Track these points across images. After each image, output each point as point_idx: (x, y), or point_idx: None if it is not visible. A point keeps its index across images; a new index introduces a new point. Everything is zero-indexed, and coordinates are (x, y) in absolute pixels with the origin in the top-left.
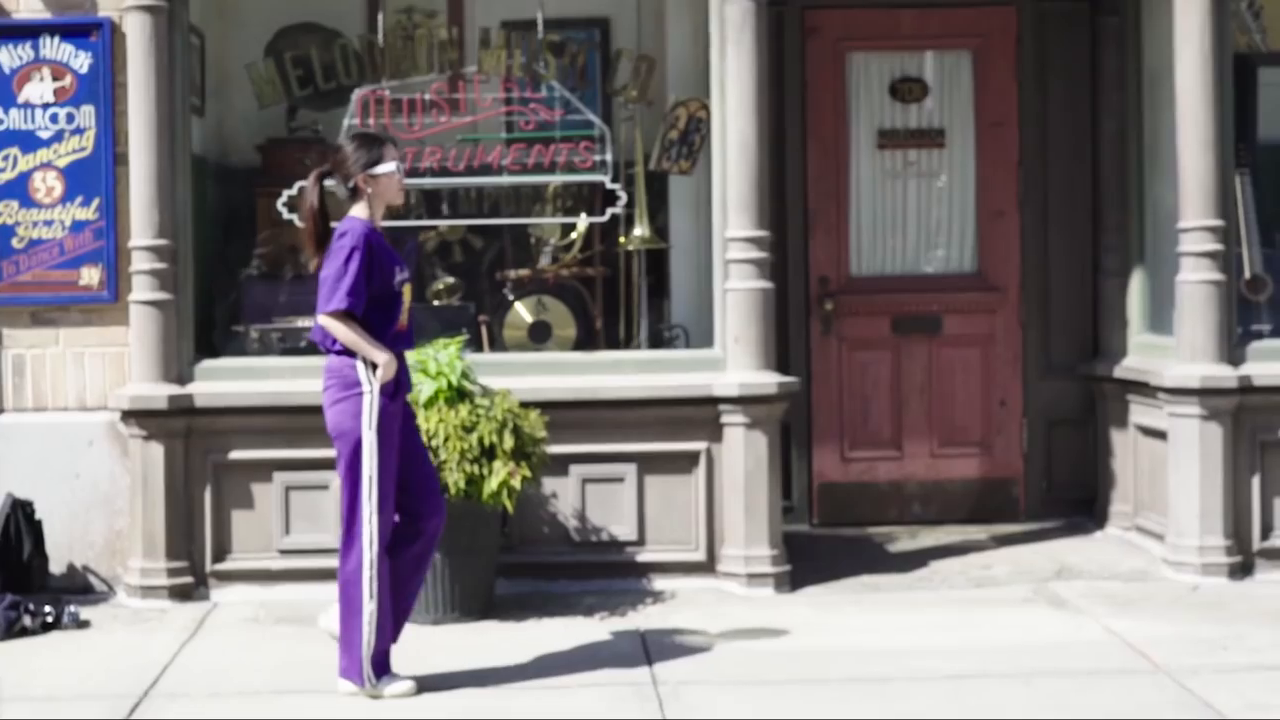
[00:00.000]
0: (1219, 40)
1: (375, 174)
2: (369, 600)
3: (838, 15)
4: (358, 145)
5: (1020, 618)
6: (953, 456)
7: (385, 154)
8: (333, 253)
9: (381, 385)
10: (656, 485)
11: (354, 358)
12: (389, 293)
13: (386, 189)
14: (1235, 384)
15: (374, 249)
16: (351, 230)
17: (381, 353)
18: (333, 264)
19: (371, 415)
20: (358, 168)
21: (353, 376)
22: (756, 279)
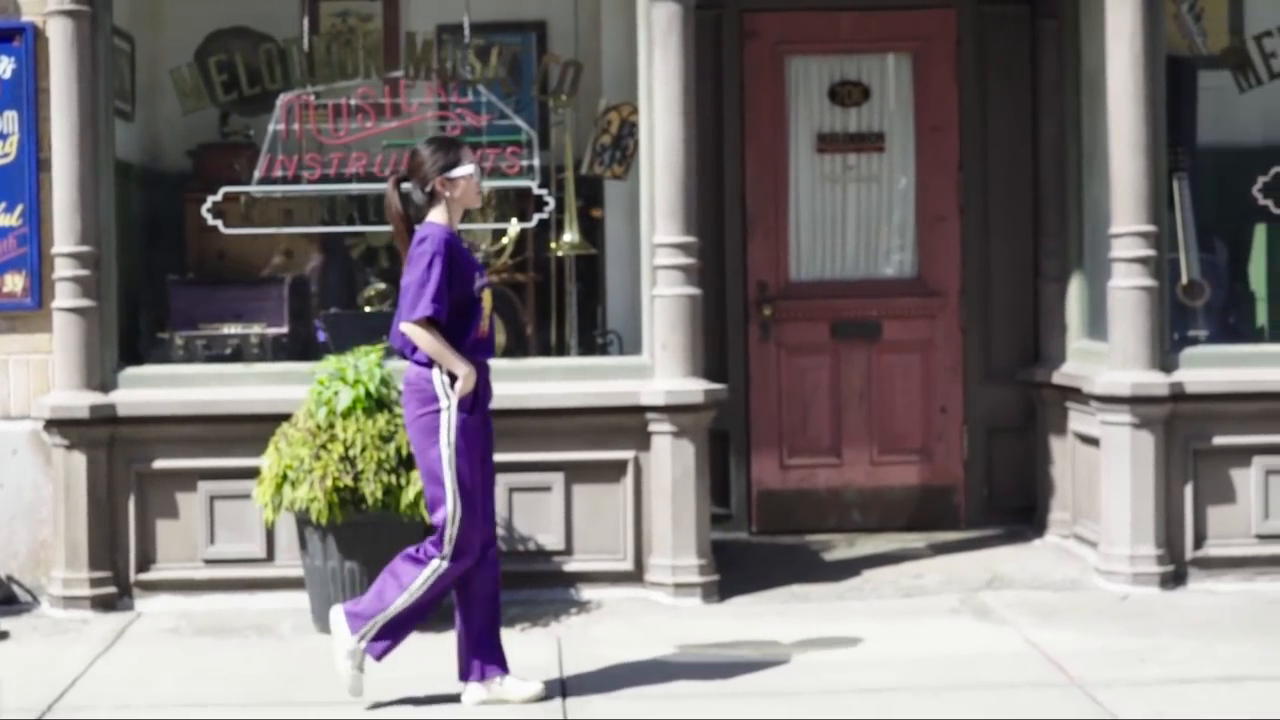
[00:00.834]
0: (1151, 42)
1: (452, 177)
2: (418, 590)
3: (776, 18)
4: (434, 149)
5: (944, 629)
6: (893, 464)
7: (462, 157)
8: (413, 259)
9: (460, 399)
10: (584, 494)
11: (432, 369)
12: (469, 298)
13: (464, 192)
14: (1167, 391)
15: (454, 254)
16: (431, 236)
17: (463, 365)
18: (414, 271)
19: (450, 431)
20: (434, 171)
21: (430, 391)
22: (684, 285)
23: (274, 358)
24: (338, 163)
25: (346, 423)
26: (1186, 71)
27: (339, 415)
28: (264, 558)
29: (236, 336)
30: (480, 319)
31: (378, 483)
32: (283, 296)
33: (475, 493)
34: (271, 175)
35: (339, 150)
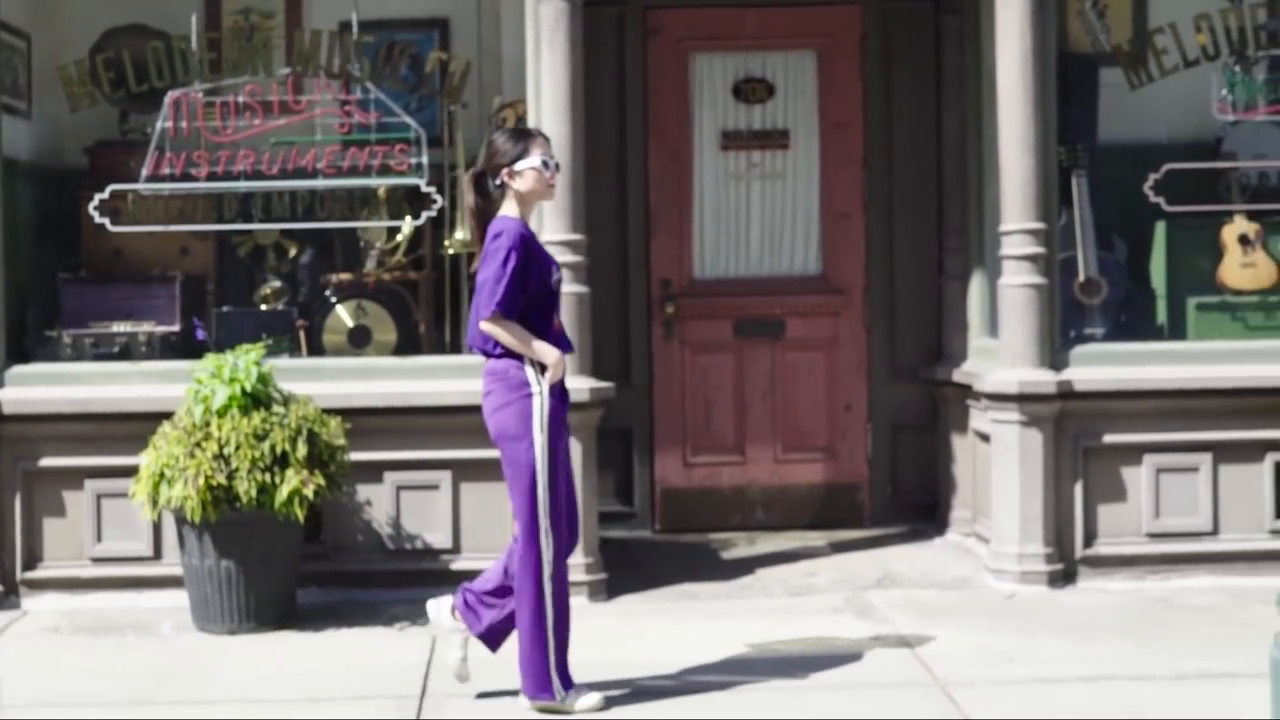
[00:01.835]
0: (1040, 40)
1: (519, 169)
2: (551, 610)
3: (680, 15)
4: (504, 140)
5: (824, 628)
6: (797, 462)
7: (530, 148)
8: (489, 254)
9: (550, 386)
10: (472, 492)
11: (518, 359)
12: (546, 292)
13: (532, 185)
14: (1055, 389)
15: (530, 248)
16: (507, 230)
17: (551, 350)
18: (490, 266)
19: (542, 417)
20: (503, 163)
21: (520, 377)
22: (572, 283)
23: (165, 356)
24: (225, 160)
25: (222, 421)
26: (1088, 68)
27: (214, 413)
28: (151, 556)
29: (125, 335)
30: (556, 313)
31: (251, 481)
32: (174, 295)
33: (560, 486)
34: (159, 173)
35: (227, 148)
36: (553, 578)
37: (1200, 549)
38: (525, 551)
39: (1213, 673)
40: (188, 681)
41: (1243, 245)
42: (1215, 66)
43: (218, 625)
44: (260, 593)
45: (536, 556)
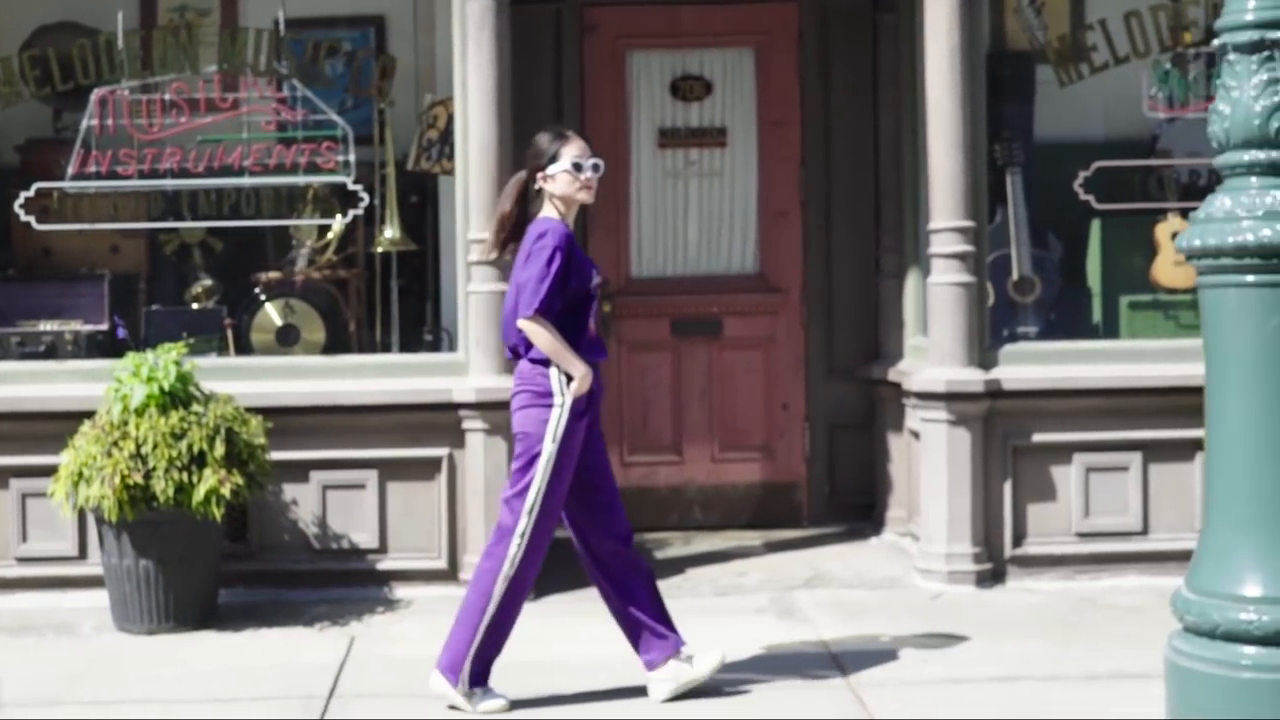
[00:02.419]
0: (968, 36)
1: (550, 173)
2: (494, 610)
3: (617, 12)
4: (539, 143)
5: (741, 629)
6: (734, 461)
7: (562, 151)
8: (533, 254)
9: (574, 400)
10: (399, 492)
11: (548, 366)
12: (584, 296)
13: (565, 188)
14: (982, 388)
15: (572, 250)
16: (551, 230)
17: (580, 365)
18: (534, 265)
19: (558, 429)
20: (538, 165)
21: (546, 386)
22: (496, 281)
23: (93, 355)
24: (152, 158)
25: (140, 420)
26: (1024, 66)
27: (133, 413)
28: (76, 556)
29: (52, 334)
30: (591, 317)
31: (168, 480)
32: (103, 294)
33: (556, 504)
34: (85, 171)
35: (154, 146)
36: (510, 579)
37: (1130, 548)
38: (495, 544)
39: (1124, 673)
40: (96, 682)
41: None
42: (1146, 64)
43: (137, 625)
44: (180, 592)
45: (503, 555)
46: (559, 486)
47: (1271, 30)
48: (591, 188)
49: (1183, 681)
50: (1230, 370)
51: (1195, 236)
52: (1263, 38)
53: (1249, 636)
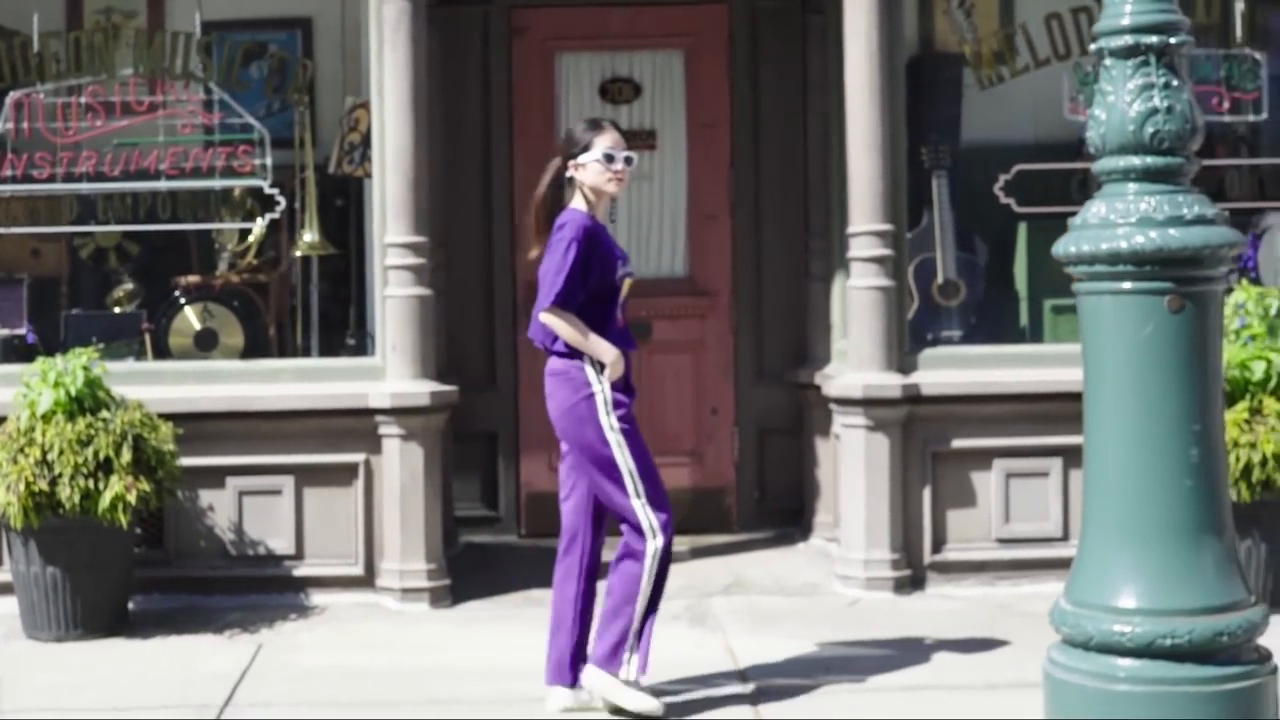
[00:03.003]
0: (887, 38)
1: (581, 162)
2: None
3: (545, 14)
4: (575, 131)
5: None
6: (662, 465)
7: (595, 140)
8: (551, 246)
9: (611, 383)
10: (315, 498)
11: (578, 358)
12: (608, 287)
13: (595, 178)
14: (900, 393)
15: (593, 241)
16: (570, 222)
17: (609, 349)
18: (551, 258)
19: (608, 410)
20: (571, 154)
21: (580, 377)
22: (414, 286)
23: (10, 359)
24: (68, 162)
25: (47, 426)
26: (953, 68)
27: (40, 418)
28: None
29: None
30: (618, 309)
31: (74, 487)
32: (20, 297)
33: (651, 469)
34: (1, 175)
35: (70, 149)
36: (659, 554)
37: (1050, 554)
38: (637, 540)
39: (1024, 682)
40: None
41: None
42: (1068, 66)
43: (45, 632)
44: (88, 599)
45: (643, 547)
46: (641, 455)
47: (1146, 35)
48: (623, 180)
49: (1058, 693)
50: (1106, 378)
51: (1071, 243)
52: (1138, 42)
53: (1122, 649)
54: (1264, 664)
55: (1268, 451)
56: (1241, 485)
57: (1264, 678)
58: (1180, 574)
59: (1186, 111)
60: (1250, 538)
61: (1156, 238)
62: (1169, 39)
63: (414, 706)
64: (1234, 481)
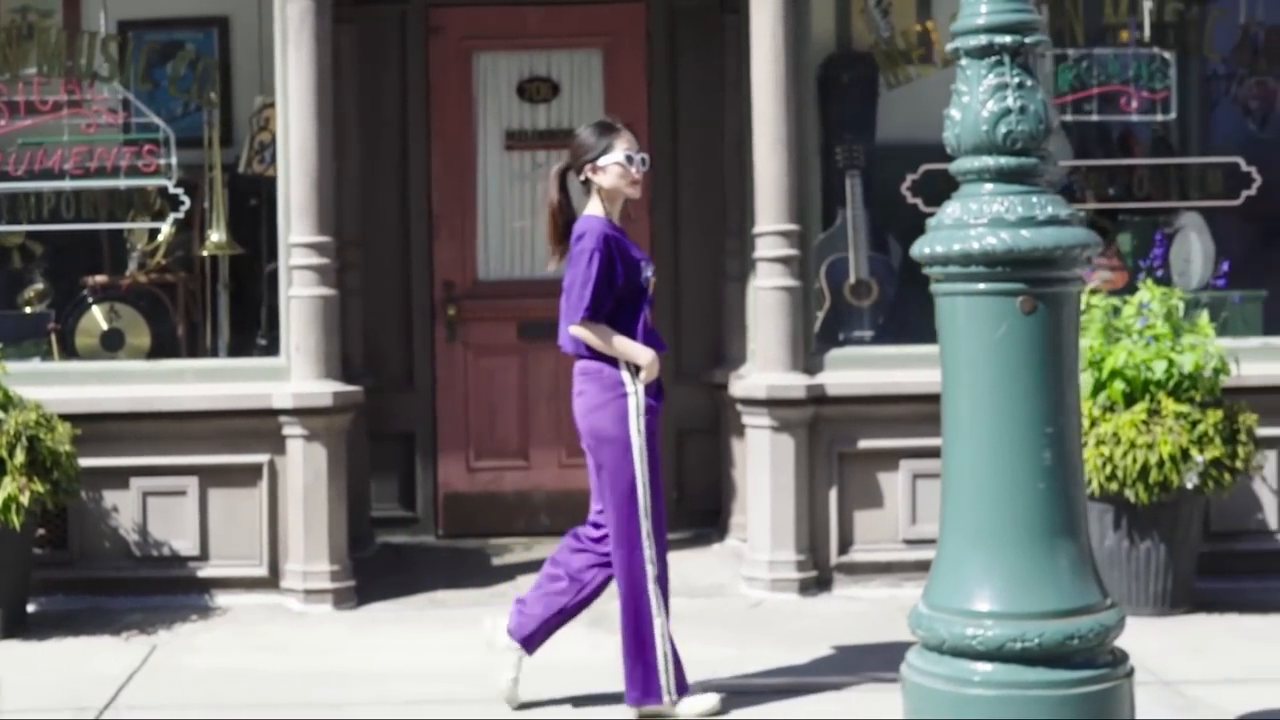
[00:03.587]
0: (793, 36)
1: (602, 165)
2: (658, 615)
3: (462, 13)
4: (588, 134)
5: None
6: (582, 466)
7: (614, 143)
8: (573, 258)
9: (645, 386)
10: (220, 498)
11: (612, 360)
12: (636, 290)
13: (615, 182)
14: (804, 394)
15: (615, 246)
16: (590, 231)
17: (644, 351)
18: (575, 270)
19: (639, 418)
20: (588, 158)
21: (615, 377)
22: (318, 286)
23: None
24: None
25: None
26: (867, 67)
27: None
28: None
29: None
30: (646, 310)
31: None
32: None
33: (660, 489)
34: None
35: None
36: (658, 579)
37: None
38: (628, 558)
39: None
40: None
41: None
42: None
43: None
44: None
45: (640, 561)
46: (656, 474)
47: (1001, 35)
48: (639, 183)
49: (914, 697)
50: (961, 380)
51: (926, 244)
52: (991, 42)
53: (974, 652)
54: (1118, 666)
55: (1165, 453)
56: (1139, 487)
57: (1118, 680)
58: (1033, 577)
59: (1040, 111)
60: (1149, 539)
61: (1008, 238)
62: (1023, 39)
63: (295, 709)
64: (1131, 483)
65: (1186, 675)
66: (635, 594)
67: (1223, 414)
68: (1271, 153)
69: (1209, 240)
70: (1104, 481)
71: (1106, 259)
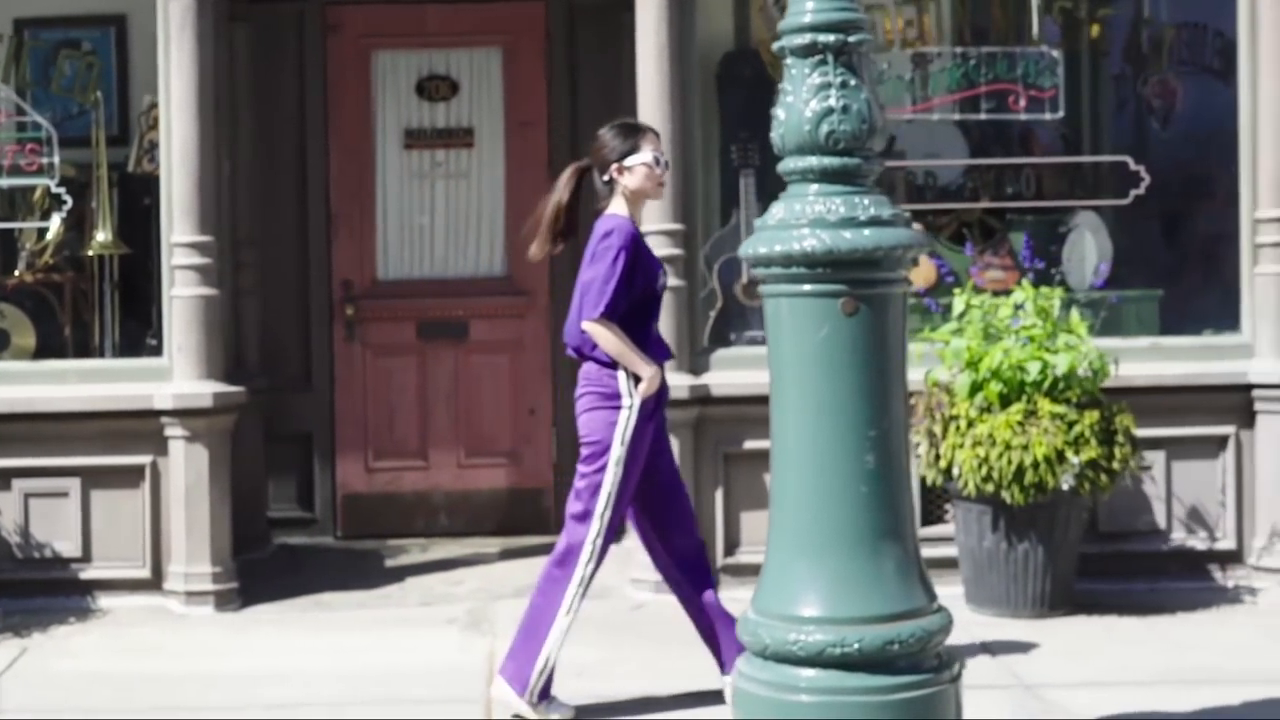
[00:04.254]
0: (677, 34)
1: (628, 165)
2: (565, 614)
3: (361, 12)
4: (613, 134)
5: (426, 640)
6: (481, 466)
7: (640, 144)
8: (597, 254)
9: (642, 401)
10: (102, 500)
11: (615, 368)
12: (650, 295)
13: (641, 182)
14: (688, 394)
15: (638, 248)
16: (618, 229)
17: (648, 366)
18: (598, 266)
19: (626, 431)
20: (613, 158)
21: (614, 387)
22: (200, 286)
23: None
24: None
25: None
26: (761, 65)
27: None
28: None
29: None
30: (656, 318)
31: None
32: None
33: (623, 507)
34: None
35: None
36: (583, 582)
37: None
38: (566, 555)
39: None
40: None
41: None
42: None
43: None
44: None
45: (575, 562)
46: (626, 489)
47: (824, 34)
48: (664, 184)
49: (742, 703)
50: (786, 382)
51: (752, 245)
52: (815, 41)
53: (795, 658)
54: (942, 671)
55: (1039, 454)
56: (1014, 488)
57: (942, 685)
58: (856, 582)
59: (864, 111)
60: (1027, 541)
61: (828, 239)
62: (847, 38)
63: (154, 712)
64: (1007, 484)
65: (1050, 678)
66: (557, 584)
67: (1099, 415)
68: (1171, 151)
69: (1105, 239)
70: (980, 483)
71: (999, 258)
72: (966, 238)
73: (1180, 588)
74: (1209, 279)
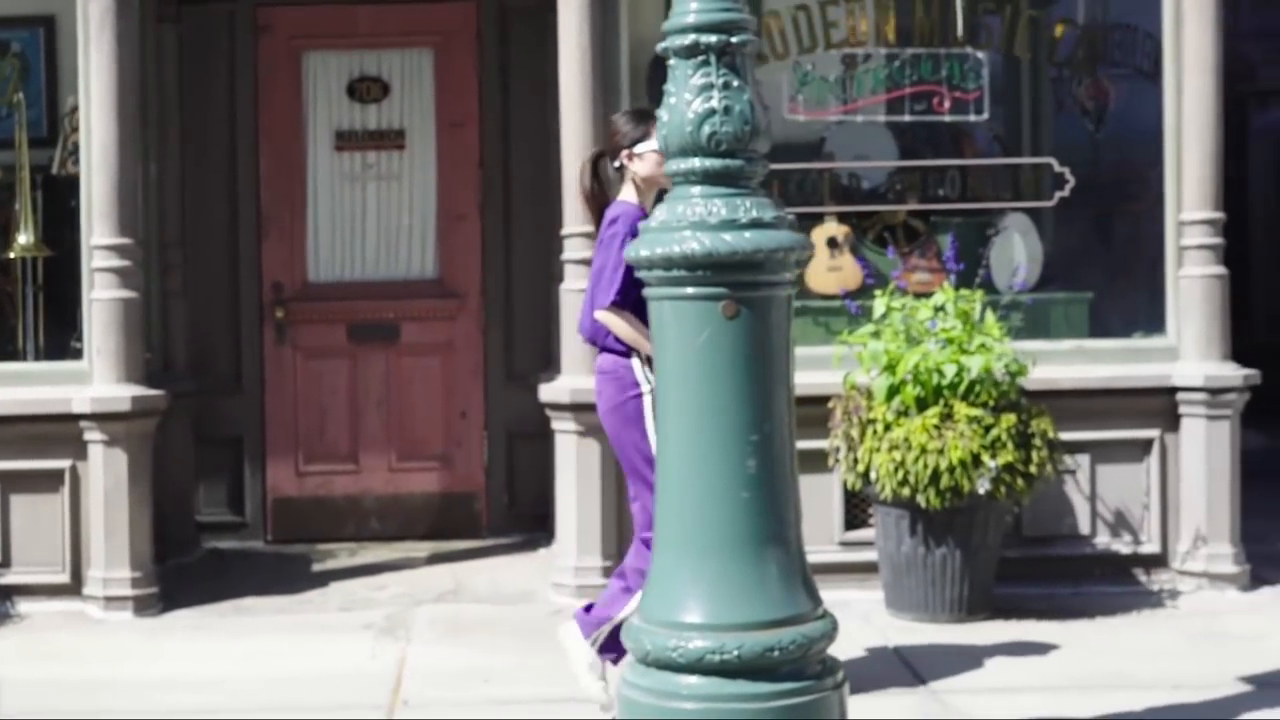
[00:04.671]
0: (600, 36)
1: (639, 152)
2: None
3: (291, 13)
4: (625, 121)
5: (338, 646)
6: (412, 470)
7: (652, 130)
8: (603, 242)
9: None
10: (22, 504)
11: (629, 356)
12: None
13: (652, 169)
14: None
15: None
16: (623, 216)
17: None
18: (604, 254)
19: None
20: (625, 144)
21: (630, 377)
22: (119, 288)
23: None
24: None
25: None
26: None
27: None
28: None
29: None
30: None
31: None
32: None
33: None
34: None
35: None
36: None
37: None
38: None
39: None
40: None
41: (830, 248)
42: (786, 66)
43: None
44: None
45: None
46: None
47: (707, 34)
48: None
49: (625, 710)
50: (670, 386)
51: (635, 248)
52: (698, 41)
53: (675, 665)
54: (825, 678)
55: (955, 458)
56: (930, 492)
57: (825, 692)
58: (736, 588)
59: (746, 112)
60: (944, 545)
61: (708, 242)
62: (730, 38)
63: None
64: (923, 489)
65: (955, 683)
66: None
67: (1017, 418)
68: (1104, 153)
69: (1035, 242)
70: (896, 487)
71: (925, 261)
72: (888, 241)
73: (1104, 592)
74: (1138, 281)
